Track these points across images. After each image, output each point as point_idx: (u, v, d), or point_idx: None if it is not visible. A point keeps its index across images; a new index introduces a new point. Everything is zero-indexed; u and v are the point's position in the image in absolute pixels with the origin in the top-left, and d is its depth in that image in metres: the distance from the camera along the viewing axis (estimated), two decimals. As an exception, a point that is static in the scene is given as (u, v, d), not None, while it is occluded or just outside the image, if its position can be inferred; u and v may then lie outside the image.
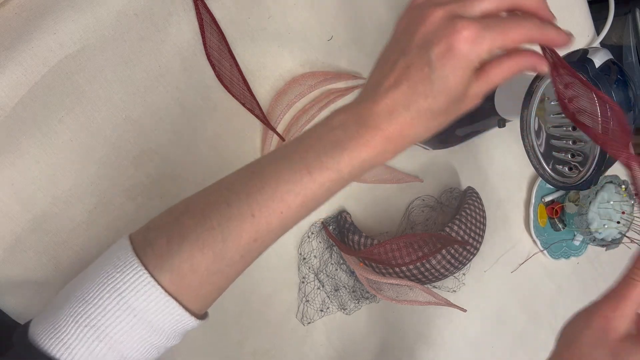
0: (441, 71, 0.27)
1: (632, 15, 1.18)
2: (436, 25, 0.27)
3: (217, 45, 0.44)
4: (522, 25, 0.28)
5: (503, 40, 0.28)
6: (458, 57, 0.27)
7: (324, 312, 0.54)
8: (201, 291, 0.31)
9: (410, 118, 0.29)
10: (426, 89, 0.28)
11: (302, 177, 0.30)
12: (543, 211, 0.70)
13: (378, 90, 0.29)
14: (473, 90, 0.29)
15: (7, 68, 0.36)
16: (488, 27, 0.27)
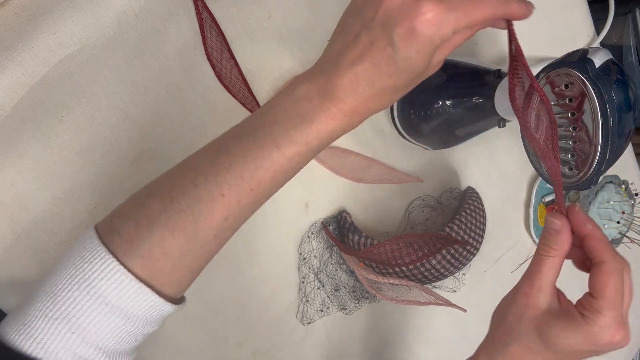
0: (404, 52, 0.27)
1: (632, 15, 1.18)
2: (400, 3, 0.27)
3: (217, 45, 0.44)
4: (485, 3, 0.28)
5: (467, 21, 0.28)
6: (422, 39, 0.27)
7: (324, 312, 0.54)
8: (175, 275, 0.30)
9: (375, 93, 0.29)
10: (390, 69, 0.28)
11: (270, 153, 0.29)
12: (543, 211, 0.70)
13: (341, 62, 0.29)
14: (436, 60, 0.30)
15: (7, 68, 0.36)
16: (452, 8, 0.27)
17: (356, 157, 0.54)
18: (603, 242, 0.33)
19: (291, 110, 0.30)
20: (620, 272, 0.33)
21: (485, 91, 0.48)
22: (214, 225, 0.30)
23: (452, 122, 0.51)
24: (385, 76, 0.28)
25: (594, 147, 0.36)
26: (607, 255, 0.33)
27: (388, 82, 0.29)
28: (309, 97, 0.30)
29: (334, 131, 0.30)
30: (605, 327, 0.32)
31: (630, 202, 0.68)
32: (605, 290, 0.32)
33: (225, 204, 0.29)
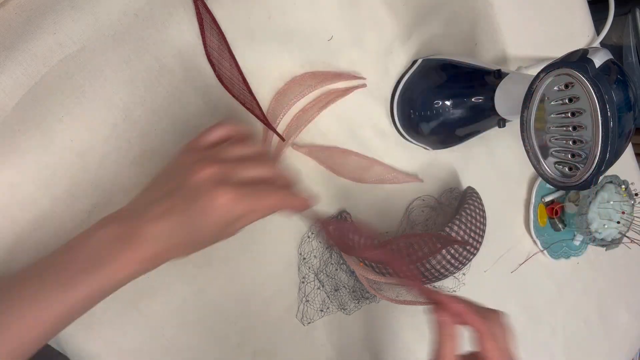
0: (202, 220, 0.32)
1: (632, 15, 1.18)
2: (202, 182, 0.32)
3: (217, 45, 0.44)
4: (274, 195, 0.35)
5: (256, 206, 0.34)
6: (215, 216, 0.32)
7: (324, 312, 0.54)
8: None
9: (172, 245, 0.32)
10: (186, 229, 0.32)
11: (57, 295, 0.31)
12: (543, 211, 0.70)
13: (147, 213, 0.32)
14: (230, 230, 0.34)
15: (7, 68, 0.36)
16: (245, 195, 0.32)
17: (356, 157, 0.54)
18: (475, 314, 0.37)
19: (89, 252, 0.32)
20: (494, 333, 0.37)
21: (485, 91, 0.48)
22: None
23: (452, 122, 0.51)
24: (182, 233, 0.32)
25: (594, 147, 0.36)
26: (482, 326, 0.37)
27: (183, 239, 0.32)
28: (110, 241, 0.32)
29: (128, 276, 0.32)
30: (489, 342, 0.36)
31: (630, 202, 0.68)
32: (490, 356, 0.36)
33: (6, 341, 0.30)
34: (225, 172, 0.33)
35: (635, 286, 0.88)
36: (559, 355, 0.77)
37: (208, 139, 0.36)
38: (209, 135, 0.36)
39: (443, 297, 0.38)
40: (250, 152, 0.36)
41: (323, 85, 0.49)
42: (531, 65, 0.63)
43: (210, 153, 0.35)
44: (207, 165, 0.33)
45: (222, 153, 0.35)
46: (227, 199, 0.32)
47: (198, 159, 0.34)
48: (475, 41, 0.60)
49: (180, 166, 0.35)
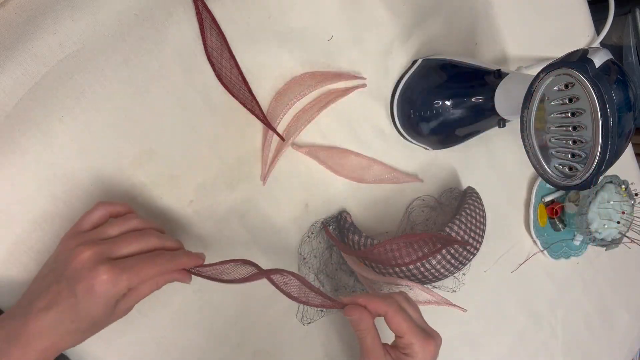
0: (85, 303, 0.32)
1: (632, 15, 1.18)
2: (83, 264, 0.32)
3: (217, 45, 0.44)
4: (155, 262, 0.35)
5: (139, 278, 0.34)
6: (98, 294, 0.32)
7: (324, 312, 0.54)
8: None
9: (59, 336, 0.33)
10: (72, 316, 0.32)
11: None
12: (543, 211, 0.70)
13: (31, 309, 0.32)
14: (121, 307, 0.35)
15: (7, 68, 0.36)
16: (125, 269, 0.33)
17: (356, 157, 0.54)
18: (375, 300, 0.40)
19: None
20: (397, 308, 0.40)
21: (485, 91, 0.48)
22: None
23: (452, 122, 0.51)
24: (68, 321, 0.32)
25: (594, 147, 0.36)
26: (384, 306, 0.40)
27: (70, 327, 0.33)
28: (3, 344, 0.31)
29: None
30: (422, 349, 0.40)
31: (630, 202, 0.68)
32: (402, 327, 0.39)
33: None
34: (104, 251, 0.33)
35: (635, 286, 0.88)
36: (559, 355, 0.77)
37: (87, 223, 0.37)
38: (88, 219, 0.37)
39: (344, 299, 0.41)
40: (129, 227, 0.37)
41: (323, 85, 0.49)
42: (531, 65, 0.63)
43: (89, 236, 0.35)
44: (86, 248, 0.33)
45: (101, 233, 0.36)
46: (108, 276, 0.32)
47: (78, 243, 0.34)
48: (475, 41, 0.60)
49: (61, 254, 0.35)
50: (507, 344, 0.71)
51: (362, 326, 0.40)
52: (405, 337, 0.40)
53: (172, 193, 0.45)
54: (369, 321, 0.40)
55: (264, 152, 0.48)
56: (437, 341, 0.41)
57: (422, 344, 0.40)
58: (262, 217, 0.50)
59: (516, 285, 0.70)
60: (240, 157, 0.47)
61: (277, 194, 0.50)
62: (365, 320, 0.40)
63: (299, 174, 0.51)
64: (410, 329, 0.40)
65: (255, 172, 0.49)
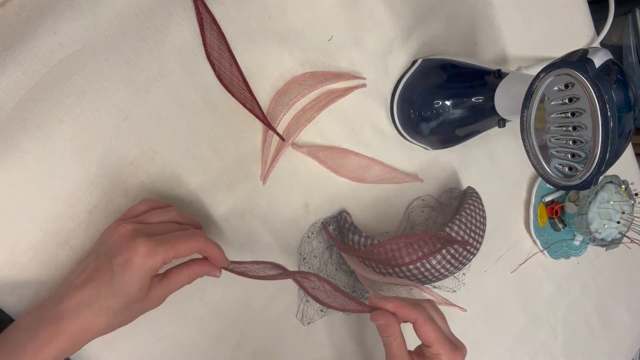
0: (121, 277, 0.33)
1: (632, 15, 1.18)
2: (122, 238, 0.34)
3: (217, 45, 0.44)
4: (190, 240, 0.36)
5: (175, 253, 0.35)
6: (135, 267, 0.33)
7: (324, 312, 0.54)
8: None
9: (92, 315, 0.33)
10: (108, 291, 0.33)
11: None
12: (543, 211, 0.70)
13: (68, 289, 0.33)
14: (155, 294, 0.36)
15: (7, 68, 0.36)
16: (161, 242, 0.34)
17: (356, 157, 0.54)
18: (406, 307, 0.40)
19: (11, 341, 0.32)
20: (427, 317, 0.40)
21: (485, 91, 0.48)
22: None
23: (452, 122, 0.51)
24: (102, 297, 0.33)
25: (594, 147, 0.36)
26: (414, 314, 0.40)
27: (104, 304, 0.33)
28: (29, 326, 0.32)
29: (60, 352, 0.32)
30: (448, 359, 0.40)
31: (630, 202, 0.68)
32: (430, 337, 0.40)
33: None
34: (141, 228, 0.35)
35: (635, 286, 0.88)
36: (559, 355, 0.77)
37: (130, 214, 0.39)
38: (131, 211, 0.39)
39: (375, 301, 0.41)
40: (168, 217, 0.38)
41: (323, 85, 0.49)
42: (531, 65, 0.63)
43: (128, 218, 0.38)
44: (124, 225, 0.35)
45: (141, 219, 0.37)
46: (145, 247, 0.33)
47: (117, 223, 0.36)
48: (475, 41, 0.60)
49: (103, 237, 0.37)
50: (507, 344, 0.71)
51: (388, 332, 0.40)
52: (434, 347, 0.40)
53: (172, 193, 0.45)
54: (396, 328, 0.40)
55: (264, 152, 0.48)
56: (463, 353, 0.41)
57: (450, 355, 0.40)
58: (262, 217, 0.50)
59: (516, 285, 0.70)
60: (240, 157, 0.47)
61: (277, 194, 0.50)
62: (392, 326, 0.40)
63: (299, 174, 0.51)
64: (439, 339, 0.40)
65: (255, 172, 0.49)
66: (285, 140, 0.48)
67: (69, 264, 0.41)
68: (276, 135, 0.48)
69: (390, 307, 0.40)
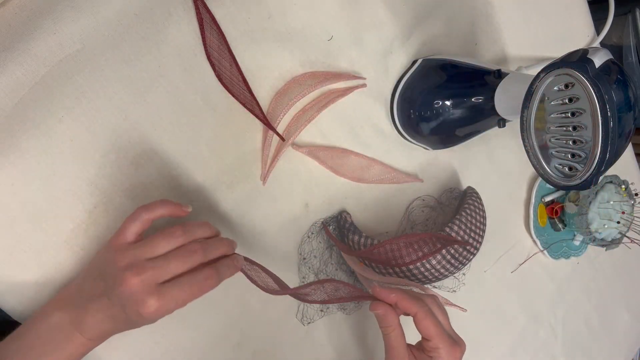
0: (135, 319, 0.36)
1: (632, 15, 1.18)
2: (131, 293, 0.35)
3: (217, 45, 0.44)
4: (201, 285, 0.37)
5: (185, 302, 0.37)
6: (148, 318, 0.35)
7: (324, 312, 0.54)
8: None
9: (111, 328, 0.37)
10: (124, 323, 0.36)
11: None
12: (543, 211, 0.70)
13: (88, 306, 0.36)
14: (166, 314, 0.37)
15: (7, 68, 0.36)
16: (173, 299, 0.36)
17: (356, 157, 0.54)
18: (407, 299, 0.41)
19: (45, 337, 0.36)
20: (427, 311, 0.40)
21: (485, 91, 0.48)
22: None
23: (452, 122, 0.51)
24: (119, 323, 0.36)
25: (594, 147, 0.36)
26: (415, 307, 0.40)
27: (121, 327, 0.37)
28: (62, 326, 0.36)
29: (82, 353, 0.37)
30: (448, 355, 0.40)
31: (630, 202, 0.68)
32: (430, 331, 0.40)
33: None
34: (150, 279, 0.35)
35: (635, 286, 0.88)
36: (559, 355, 0.77)
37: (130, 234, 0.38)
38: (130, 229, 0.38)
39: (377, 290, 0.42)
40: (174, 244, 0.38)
41: (323, 85, 0.49)
42: (531, 65, 0.63)
43: (134, 257, 0.36)
44: (132, 276, 0.35)
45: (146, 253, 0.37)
46: (157, 307, 0.35)
47: (124, 265, 0.36)
48: (475, 41, 0.60)
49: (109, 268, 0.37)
50: (507, 344, 0.71)
51: (386, 322, 0.41)
52: (433, 341, 0.40)
53: (172, 193, 0.45)
54: (394, 319, 0.41)
55: (264, 152, 0.48)
56: (462, 348, 0.41)
57: (449, 349, 0.40)
58: (262, 217, 0.50)
59: (516, 285, 0.70)
60: (240, 157, 0.47)
61: (277, 194, 0.50)
62: (390, 316, 0.41)
63: (299, 174, 0.51)
64: (438, 333, 0.40)
65: (255, 172, 0.49)
66: (285, 140, 0.48)
67: (69, 264, 0.41)
68: (276, 135, 0.48)
69: (393, 297, 0.41)
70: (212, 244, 0.40)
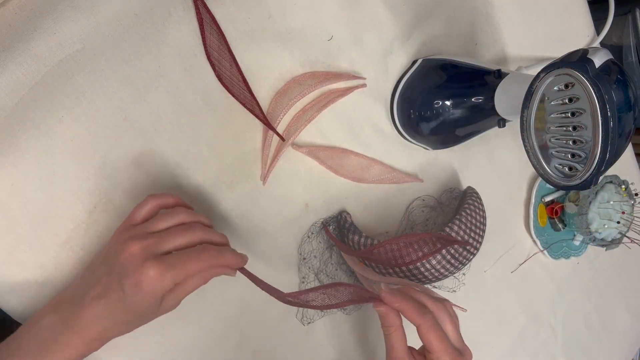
0: (132, 297, 0.34)
1: (632, 15, 1.18)
2: (131, 260, 0.34)
3: (217, 45, 0.44)
4: (199, 258, 0.36)
5: (184, 273, 0.35)
6: (145, 290, 0.34)
7: (324, 312, 0.54)
8: None
9: (110, 324, 0.35)
10: (121, 308, 0.34)
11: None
12: (543, 211, 0.70)
13: (84, 299, 0.35)
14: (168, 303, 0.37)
15: (7, 68, 0.36)
16: (170, 265, 0.34)
17: (356, 157, 0.54)
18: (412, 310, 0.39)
19: (36, 339, 0.34)
20: (431, 324, 0.38)
21: (485, 91, 0.48)
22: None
23: (452, 122, 0.51)
24: (117, 312, 0.34)
25: (594, 147, 0.36)
26: (419, 319, 0.39)
27: (119, 317, 0.35)
28: (54, 327, 0.34)
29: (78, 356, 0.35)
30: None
31: (630, 202, 0.68)
32: (433, 345, 0.38)
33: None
34: (151, 246, 0.35)
35: (635, 286, 0.88)
36: (559, 355, 0.77)
37: (138, 216, 0.38)
38: (138, 212, 0.38)
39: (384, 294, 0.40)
40: (177, 220, 0.38)
41: (323, 85, 0.49)
42: (531, 65, 0.63)
43: (137, 230, 0.37)
44: (133, 242, 0.35)
45: (150, 227, 0.37)
46: (154, 272, 0.34)
47: (126, 237, 0.36)
48: (475, 41, 0.60)
49: (112, 247, 0.36)
50: (507, 344, 0.71)
51: (388, 322, 0.40)
52: (435, 355, 0.39)
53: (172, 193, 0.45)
54: (395, 319, 0.40)
55: (264, 152, 0.48)
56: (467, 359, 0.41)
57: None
58: (262, 217, 0.50)
59: (516, 285, 0.70)
60: (240, 157, 0.47)
61: (277, 194, 0.50)
62: (391, 316, 0.40)
63: (299, 174, 0.51)
64: (441, 347, 0.38)
65: (255, 172, 0.49)
66: (285, 140, 0.48)
67: (69, 264, 0.41)
68: (276, 135, 0.48)
69: (397, 305, 0.40)
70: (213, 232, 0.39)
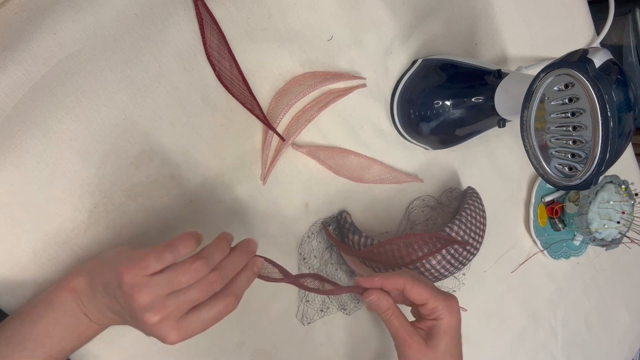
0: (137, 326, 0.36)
1: (632, 15, 1.18)
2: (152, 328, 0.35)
3: (217, 45, 0.44)
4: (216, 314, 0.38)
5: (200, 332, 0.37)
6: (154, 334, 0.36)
7: (324, 312, 0.54)
8: None
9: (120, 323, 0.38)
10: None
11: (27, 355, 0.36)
12: (543, 211, 0.70)
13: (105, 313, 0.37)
14: None
15: (7, 68, 0.36)
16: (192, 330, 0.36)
17: (356, 157, 0.54)
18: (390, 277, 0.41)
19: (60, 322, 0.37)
20: (413, 278, 0.41)
21: (485, 91, 0.48)
22: None
23: (452, 122, 0.51)
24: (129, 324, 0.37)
25: (594, 147, 0.36)
26: (401, 280, 0.41)
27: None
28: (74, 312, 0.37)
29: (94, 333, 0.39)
30: (447, 309, 0.41)
31: (630, 202, 0.68)
32: (422, 296, 0.41)
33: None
34: (172, 315, 0.35)
35: (635, 286, 0.88)
36: (559, 355, 0.77)
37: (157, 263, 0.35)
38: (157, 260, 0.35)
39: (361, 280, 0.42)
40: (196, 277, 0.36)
41: (323, 85, 0.49)
42: (531, 65, 0.63)
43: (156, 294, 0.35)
44: (155, 314, 0.35)
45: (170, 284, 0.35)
46: (177, 339, 0.36)
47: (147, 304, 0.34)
48: (475, 41, 0.60)
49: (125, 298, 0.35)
50: (507, 344, 0.71)
51: (382, 307, 0.41)
52: (430, 303, 0.41)
53: (172, 193, 0.45)
54: (388, 300, 0.41)
55: (264, 152, 0.48)
56: (455, 298, 0.42)
57: (446, 304, 0.41)
58: (262, 217, 0.50)
59: (516, 285, 0.70)
60: (240, 157, 0.47)
61: (277, 194, 0.50)
62: (384, 300, 0.41)
63: (299, 174, 0.51)
64: (431, 293, 0.41)
65: (255, 172, 0.49)
66: (285, 140, 0.48)
67: (69, 264, 0.41)
68: (276, 135, 0.48)
69: (377, 281, 0.41)
70: (230, 267, 0.38)
